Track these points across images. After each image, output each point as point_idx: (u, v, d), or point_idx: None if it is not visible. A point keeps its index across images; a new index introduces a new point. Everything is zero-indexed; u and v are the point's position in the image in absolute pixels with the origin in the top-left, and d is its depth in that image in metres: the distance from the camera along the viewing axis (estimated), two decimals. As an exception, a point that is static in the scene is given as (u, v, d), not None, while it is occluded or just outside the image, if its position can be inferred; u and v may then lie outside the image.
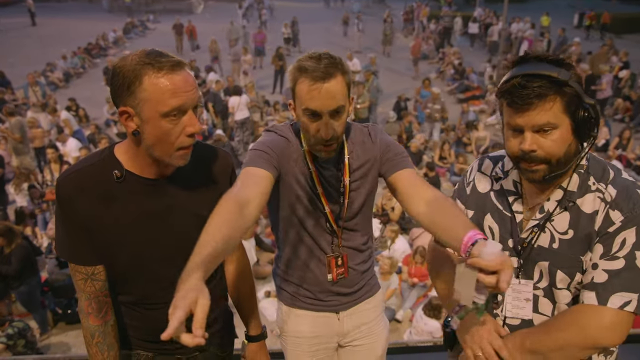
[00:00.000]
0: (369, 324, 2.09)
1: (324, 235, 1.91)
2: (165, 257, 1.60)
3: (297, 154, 1.81)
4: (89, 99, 15.14)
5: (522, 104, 1.38)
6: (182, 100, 1.41)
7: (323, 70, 1.62)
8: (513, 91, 1.39)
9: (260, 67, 19.66)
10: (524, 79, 1.38)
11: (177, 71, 1.41)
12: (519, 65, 1.44)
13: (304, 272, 1.96)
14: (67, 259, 1.60)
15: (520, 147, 1.43)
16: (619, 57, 15.87)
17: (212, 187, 1.68)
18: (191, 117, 1.45)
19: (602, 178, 1.49)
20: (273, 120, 12.79)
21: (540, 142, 1.41)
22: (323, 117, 1.66)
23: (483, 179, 1.73)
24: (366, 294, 2.08)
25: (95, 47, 21.59)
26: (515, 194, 1.62)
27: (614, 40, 17.54)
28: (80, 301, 1.62)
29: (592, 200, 1.48)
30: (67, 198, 1.51)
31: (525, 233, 1.56)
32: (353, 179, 1.85)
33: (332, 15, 24.94)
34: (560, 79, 1.37)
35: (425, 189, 1.66)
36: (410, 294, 6.66)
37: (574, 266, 1.49)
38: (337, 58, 1.68)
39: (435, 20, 23.70)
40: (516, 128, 1.44)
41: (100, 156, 1.56)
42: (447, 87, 16.94)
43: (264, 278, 7.33)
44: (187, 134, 1.46)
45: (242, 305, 1.94)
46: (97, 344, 1.62)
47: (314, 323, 2.02)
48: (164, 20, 27.38)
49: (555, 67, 1.39)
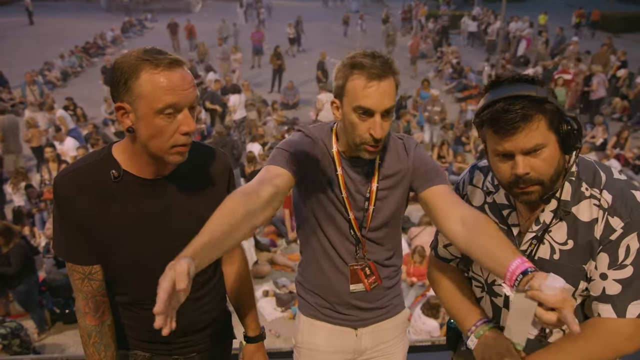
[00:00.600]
0: (389, 343, 2.01)
1: (344, 244, 1.83)
2: (162, 257, 1.58)
3: (323, 156, 1.76)
4: (86, 98, 15.11)
5: (510, 129, 1.34)
6: (177, 97, 1.40)
7: (380, 68, 1.58)
8: (497, 117, 1.35)
9: (258, 66, 19.66)
10: (506, 103, 1.34)
11: (174, 68, 1.40)
12: (492, 89, 1.41)
13: (322, 281, 1.90)
14: (64, 259, 1.59)
15: (514, 172, 1.39)
16: (617, 57, 15.89)
17: (209, 188, 1.67)
18: (186, 116, 1.44)
19: (594, 183, 1.46)
20: (271, 120, 12.77)
21: (532, 164, 1.38)
22: (375, 116, 1.61)
23: (475, 192, 1.69)
24: (388, 312, 1.99)
25: (93, 46, 21.56)
26: (509, 207, 1.58)
27: (612, 40, 17.53)
28: (78, 301, 1.61)
29: (588, 208, 1.45)
30: (64, 197, 1.50)
31: (525, 245, 1.53)
32: (381, 187, 1.78)
33: (331, 15, 24.92)
34: (540, 97, 1.34)
35: (462, 206, 1.58)
36: (408, 293, 6.66)
37: (576, 275, 1.46)
38: (390, 58, 1.64)
39: (434, 19, 23.73)
40: (505, 154, 1.40)
41: (99, 156, 1.56)
42: (445, 86, 16.95)
43: (262, 277, 7.33)
44: (181, 132, 1.44)
45: (241, 306, 1.92)
46: (94, 343, 1.61)
47: (330, 337, 1.95)
48: (162, 20, 27.31)
49: (530, 85, 1.37)
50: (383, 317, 1.97)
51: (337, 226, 1.81)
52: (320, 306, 1.94)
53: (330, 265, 1.86)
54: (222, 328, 1.86)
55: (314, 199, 1.78)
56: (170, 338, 1.71)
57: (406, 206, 1.89)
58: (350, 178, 1.77)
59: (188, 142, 1.47)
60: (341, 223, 1.81)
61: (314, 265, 1.90)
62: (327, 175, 1.76)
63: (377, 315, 1.95)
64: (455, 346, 1.99)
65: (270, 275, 7.44)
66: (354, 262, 1.85)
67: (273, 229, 8.44)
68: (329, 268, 1.87)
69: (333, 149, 1.77)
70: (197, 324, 1.73)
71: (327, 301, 1.92)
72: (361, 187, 1.78)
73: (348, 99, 1.63)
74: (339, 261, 1.85)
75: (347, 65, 1.63)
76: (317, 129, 1.81)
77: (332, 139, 1.78)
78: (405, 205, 1.87)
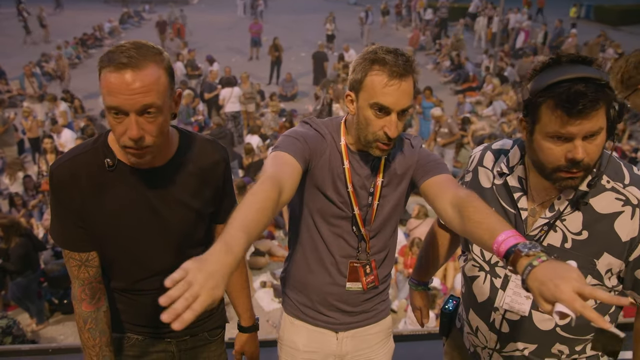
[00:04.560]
0: (371, 348, 1.96)
1: (338, 241, 1.79)
2: (155, 245, 1.61)
3: (330, 150, 1.72)
4: (84, 90, 15.08)
5: (584, 111, 1.28)
6: (117, 101, 1.36)
7: (403, 66, 1.55)
8: (574, 98, 1.28)
9: (256, 58, 19.60)
10: (581, 85, 1.29)
11: (120, 71, 1.34)
12: (552, 68, 1.37)
13: (306, 278, 1.86)
14: (61, 246, 1.61)
15: (570, 156, 1.34)
16: (614, 49, 15.89)
17: (204, 180, 1.67)
18: (131, 122, 1.38)
19: (616, 176, 1.47)
20: (268, 112, 12.76)
21: (587, 149, 1.35)
22: (392, 114, 1.58)
23: (484, 173, 1.69)
24: (372, 318, 1.94)
25: (90, 38, 21.47)
26: (520, 190, 1.57)
27: (607, 33, 17.54)
28: (74, 288, 1.63)
29: (609, 201, 1.45)
30: (60, 185, 1.52)
31: (535, 231, 1.53)
32: (385, 184, 1.76)
33: (329, 7, 24.79)
34: (606, 82, 1.31)
35: (455, 188, 1.56)
36: (405, 285, 6.68)
37: (585, 267, 1.46)
38: (412, 57, 1.61)
39: (432, 11, 23.62)
40: (565, 136, 1.34)
41: (94, 145, 1.57)
42: (444, 77, 16.94)
43: (260, 269, 7.35)
44: (128, 136, 1.40)
45: (236, 296, 1.92)
46: (89, 329, 1.63)
47: (310, 338, 1.92)
48: (160, 11, 27.20)
49: (590, 67, 1.33)
50: (366, 323, 1.93)
51: (333, 222, 1.77)
52: (302, 305, 1.91)
53: (318, 261, 1.82)
54: (215, 312, 1.87)
55: (313, 192, 1.75)
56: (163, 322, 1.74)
57: (405, 205, 1.88)
58: (357, 173, 1.74)
59: (139, 146, 1.42)
60: (340, 219, 1.77)
61: (300, 260, 1.87)
62: (332, 169, 1.72)
63: (361, 320, 1.91)
64: (447, 332, 2.01)
65: (268, 266, 7.47)
66: (353, 259, 1.81)
67: (271, 220, 8.44)
68: (315, 265, 1.83)
69: (341, 141, 1.74)
70: None
71: (310, 299, 1.88)
72: (366, 182, 1.75)
73: (365, 94, 1.60)
74: (327, 258, 1.81)
75: (367, 59, 1.59)
76: (326, 122, 1.78)
77: (341, 132, 1.75)
78: (404, 204, 1.86)
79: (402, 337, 3.25)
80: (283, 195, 1.39)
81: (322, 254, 1.81)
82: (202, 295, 0.96)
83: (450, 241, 2.03)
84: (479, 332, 1.73)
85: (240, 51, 20.51)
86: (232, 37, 22.72)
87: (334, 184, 1.72)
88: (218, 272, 1.01)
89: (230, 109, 11.97)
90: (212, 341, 1.89)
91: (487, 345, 1.70)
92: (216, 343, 1.91)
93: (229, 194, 1.77)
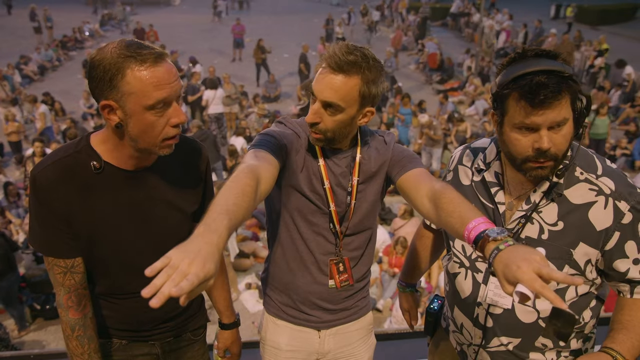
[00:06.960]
0: (353, 345, 1.99)
1: (317, 239, 1.80)
2: (143, 248, 1.60)
3: (306, 147, 1.75)
4: (65, 92, 14.90)
5: (545, 101, 1.34)
6: (166, 92, 1.40)
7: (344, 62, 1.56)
8: (535, 89, 1.34)
9: (239, 59, 19.53)
10: (543, 76, 1.34)
11: (160, 63, 1.39)
12: (517, 62, 1.42)
13: (287, 278, 1.87)
14: (45, 253, 1.56)
15: (536, 146, 1.40)
16: (593, 47, 16.14)
17: (189, 179, 1.69)
18: (175, 108, 1.45)
19: (589, 168, 1.51)
20: (253, 113, 12.72)
21: (553, 139, 1.40)
22: (316, 102, 1.62)
23: (463, 171, 1.73)
24: (353, 315, 1.96)
25: (70, 40, 21.21)
26: (497, 185, 1.62)
27: (582, 33, 17.82)
28: (59, 295, 1.59)
29: (583, 191, 1.49)
30: (44, 190, 1.48)
31: (512, 224, 1.57)
32: (361, 181, 1.78)
33: (311, 8, 24.81)
34: (570, 74, 1.37)
35: (430, 181, 1.59)
36: (390, 284, 6.72)
37: (562, 257, 1.50)
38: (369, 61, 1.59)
39: (414, 12, 23.75)
40: (530, 127, 1.40)
41: (76, 147, 1.54)
42: (426, 77, 17.04)
43: (245, 270, 7.34)
44: (171, 124, 1.46)
45: (216, 293, 1.92)
46: (78, 337, 1.60)
47: (293, 337, 1.93)
48: (142, 12, 26.99)
49: (554, 61, 1.39)
50: (348, 320, 1.95)
51: (312, 220, 1.78)
52: (283, 304, 1.92)
53: (298, 261, 1.83)
54: (197, 312, 1.88)
55: (289, 192, 1.76)
56: (149, 325, 1.74)
57: (381, 202, 1.89)
58: (332, 170, 1.76)
59: (178, 133, 1.50)
60: (318, 216, 1.78)
61: (280, 260, 1.87)
62: (308, 167, 1.75)
63: (342, 317, 1.93)
64: (433, 331, 2.03)
65: (253, 268, 7.46)
66: (332, 257, 1.83)
67: (255, 221, 8.42)
68: (296, 264, 1.84)
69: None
70: (176, 310, 1.75)
71: (291, 299, 1.89)
72: (342, 180, 1.77)
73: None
74: (308, 257, 1.82)
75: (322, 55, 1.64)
76: (300, 122, 1.80)
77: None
78: (380, 200, 1.87)
79: (387, 336, 3.27)
80: (261, 185, 1.40)
81: (302, 253, 1.82)
82: (193, 270, 0.97)
83: (437, 242, 2.06)
84: (464, 329, 1.75)
85: (222, 52, 20.43)
86: (213, 39, 22.61)
87: (310, 181, 1.75)
88: (203, 249, 1.02)
89: (213, 111, 11.90)
90: (195, 341, 1.89)
91: (472, 342, 1.72)
92: (199, 342, 1.92)
93: (210, 192, 1.79)
